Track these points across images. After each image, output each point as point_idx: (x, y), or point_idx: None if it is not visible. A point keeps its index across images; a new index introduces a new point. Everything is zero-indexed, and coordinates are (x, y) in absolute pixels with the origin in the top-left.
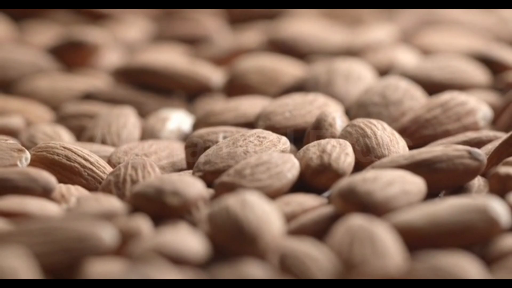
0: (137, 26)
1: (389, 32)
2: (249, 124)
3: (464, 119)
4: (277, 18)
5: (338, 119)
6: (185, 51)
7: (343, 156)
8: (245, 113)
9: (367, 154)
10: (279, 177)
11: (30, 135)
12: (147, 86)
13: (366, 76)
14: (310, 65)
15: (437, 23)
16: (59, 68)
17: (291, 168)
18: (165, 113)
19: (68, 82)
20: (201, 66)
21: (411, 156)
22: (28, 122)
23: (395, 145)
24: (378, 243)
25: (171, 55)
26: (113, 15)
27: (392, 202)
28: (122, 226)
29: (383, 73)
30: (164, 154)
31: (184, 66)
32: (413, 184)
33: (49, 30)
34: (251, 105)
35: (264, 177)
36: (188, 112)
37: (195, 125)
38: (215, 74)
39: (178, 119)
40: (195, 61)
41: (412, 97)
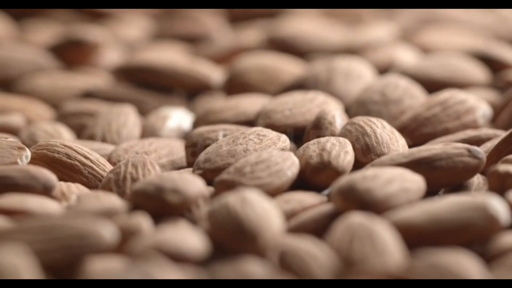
0: (137, 24)
1: (388, 30)
2: (249, 122)
3: (463, 117)
4: (277, 16)
5: (338, 117)
6: (185, 49)
7: (342, 154)
8: (245, 111)
9: (367, 153)
10: (279, 175)
11: (31, 133)
12: (147, 85)
13: (366, 75)
14: (310, 64)
15: (436, 22)
16: (59, 66)
17: (291, 166)
18: (165, 111)
19: (68, 81)
20: (201, 65)
21: (410, 154)
22: (29, 121)
23: (395, 143)
24: (378, 241)
25: (171, 54)
26: (113, 14)
27: (391, 200)
28: (122, 224)
29: (382, 71)
30: (164, 152)
31: (184, 64)
32: (413, 182)
33: (49, 28)
34: (251, 103)
35: (264, 175)
36: (188, 110)
37: (195, 123)
38: (215, 73)
39: (178, 118)
40: (195, 59)
41: (412, 96)
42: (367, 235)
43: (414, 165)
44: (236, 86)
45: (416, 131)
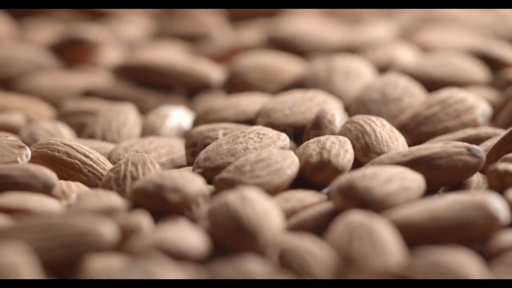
0: (137, 23)
1: (388, 29)
2: (249, 121)
3: (463, 116)
4: (277, 15)
5: (338, 116)
6: (185, 48)
7: (342, 153)
8: (245, 110)
9: (367, 152)
10: (279, 174)
11: (31, 132)
12: (147, 84)
13: (366, 74)
14: (309, 63)
15: (436, 21)
16: (59, 65)
17: (290, 165)
18: (165, 110)
19: (68, 79)
20: (201, 64)
21: (410, 152)
22: (29, 119)
23: (394, 142)
24: (378, 239)
25: (171, 53)
26: (113, 13)
27: (391, 198)
28: (122, 222)
29: (382, 70)
30: (164, 151)
31: (184, 63)
32: (413, 180)
33: (49, 27)
34: (250, 102)
35: (263, 174)
36: (188, 109)
37: (195, 122)
38: (215, 72)
39: (178, 116)
40: (195, 58)
41: (412, 94)
42: (366, 233)
43: (413, 163)
44: (236, 85)
45: (415, 130)
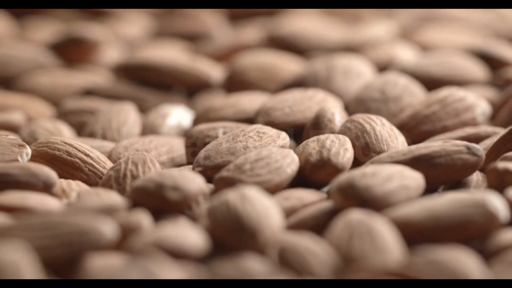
0: (137, 22)
1: (388, 28)
2: (249, 119)
3: (462, 115)
4: (277, 15)
5: (337, 115)
6: (185, 47)
7: (342, 151)
8: (245, 109)
9: (367, 151)
10: (279, 172)
11: (31, 130)
12: (148, 82)
13: (365, 72)
14: (309, 61)
15: (436, 20)
16: (59, 64)
17: (290, 163)
18: (165, 109)
19: (68, 78)
20: (201, 63)
21: (410, 151)
22: (29, 118)
23: (394, 140)
24: (377, 237)
25: (171, 52)
26: (114, 12)
27: (391, 197)
28: (122, 221)
29: (382, 69)
30: (164, 149)
31: (184, 62)
32: (412, 179)
33: (49, 26)
34: (250, 101)
35: (263, 172)
36: (188, 108)
37: (195, 121)
38: (215, 71)
39: (178, 115)
40: (195, 57)
41: (411, 93)
42: (366, 232)
43: (413, 162)
44: (236, 84)
45: (415, 129)
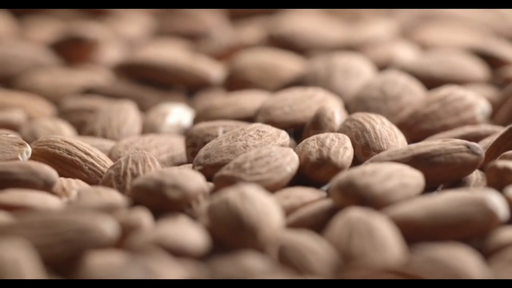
0: (137, 22)
1: (388, 27)
2: (249, 118)
3: (462, 114)
4: (277, 14)
5: (337, 114)
6: (185, 46)
7: (342, 150)
8: (245, 108)
9: (367, 150)
10: (279, 171)
11: (31, 129)
12: (148, 81)
13: (365, 71)
14: (309, 61)
15: (435, 19)
16: (59, 63)
17: (290, 162)
18: (165, 107)
19: (68, 77)
20: (201, 62)
21: (409, 150)
22: (29, 117)
23: (394, 139)
24: (377, 236)
25: (171, 51)
26: (114, 11)
27: (390, 195)
28: (122, 219)
29: (382, 68)
30: (164, 148)
31: (184, 61)
32: (412, 177)
33: (49, 25)
34: (250, 100)
35: (263, 171)
36: (188, 106)
37: (195, 120)
38: (215, 70)
39: (178, 114)
40: (195, 56)
41: (411, 92)
42: (366, 230)
43: (413, 161)
44: (236, 82)
45: (415, 128)
